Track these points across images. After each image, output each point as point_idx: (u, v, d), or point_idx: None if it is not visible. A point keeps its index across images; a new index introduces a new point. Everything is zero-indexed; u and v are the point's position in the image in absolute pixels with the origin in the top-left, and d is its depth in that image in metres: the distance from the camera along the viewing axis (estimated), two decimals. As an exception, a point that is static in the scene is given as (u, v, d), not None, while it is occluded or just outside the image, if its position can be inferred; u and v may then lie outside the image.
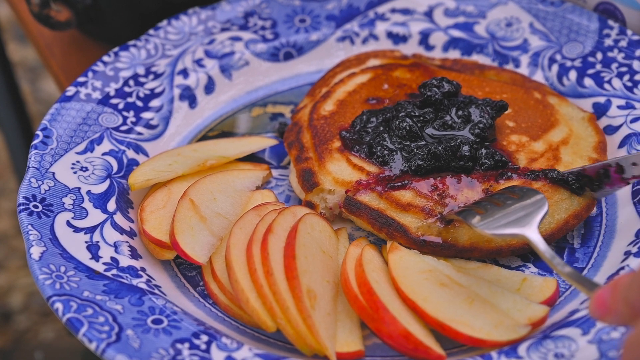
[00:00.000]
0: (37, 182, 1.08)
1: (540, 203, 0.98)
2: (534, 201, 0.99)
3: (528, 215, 0.97)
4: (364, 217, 1.07)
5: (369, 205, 1.07)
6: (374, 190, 1.08)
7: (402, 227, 1.05)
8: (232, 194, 1.12)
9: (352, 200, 1.08)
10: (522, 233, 0.95)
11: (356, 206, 1.08)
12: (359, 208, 1.07)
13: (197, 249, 1.03)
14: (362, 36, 1.34)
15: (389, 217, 1.06)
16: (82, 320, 0.92)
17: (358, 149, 1.13)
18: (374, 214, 1.07)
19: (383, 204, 1.07)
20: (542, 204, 0.98)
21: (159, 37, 1.30)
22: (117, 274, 1.01)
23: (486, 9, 1.34)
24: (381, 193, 1.08)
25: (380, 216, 1.06)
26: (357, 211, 1.07)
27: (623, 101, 1.20)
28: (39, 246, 1.00)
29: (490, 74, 1.27)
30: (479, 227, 0.97)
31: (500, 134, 1.15)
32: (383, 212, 1.07)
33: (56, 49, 1.45)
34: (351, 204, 1.08)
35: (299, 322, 0.93)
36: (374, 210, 1.07)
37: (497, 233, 0.96)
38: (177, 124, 1.25)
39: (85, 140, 1.16)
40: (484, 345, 0.94)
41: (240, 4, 1.35)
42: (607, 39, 1.26)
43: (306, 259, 0.97)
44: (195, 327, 0.96)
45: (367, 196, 1.08)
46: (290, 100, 1.30)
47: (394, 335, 0.93)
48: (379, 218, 1.06)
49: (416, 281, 0.98)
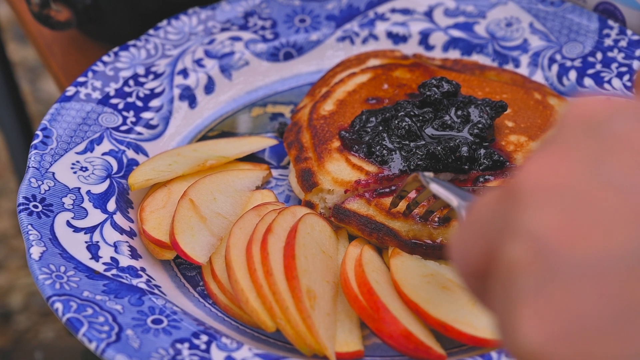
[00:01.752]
0: (37, 182, 1.08)
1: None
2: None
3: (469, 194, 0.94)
4: (354, 225, 1.06)
5: (358, 212, 1.07)
6: (363, 197, 1.07)
7: (392, 231, 1.05)
8: (232, 194, 1.12)
9: (340, 209, 1.07)
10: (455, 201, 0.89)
11: (345, 214, 1.07)
12: (347, 216, 1.07)
13: (197, 249, 1.03)
14: (362, 36, 1.34)
15: (378, 222, 1.05)
16: (82, 320, 0.92)
17: (357, 148, 1.13)
18: (363, 220, 1.06)
19: (372, 210, 1.06)
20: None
21: (158, 37, 1.30)
22: (117, 274, 1.01)
23: (486, 9, 1.34)
24: (370, 200, 1.07)
25: (369, 222, 1.06)
26: (346, 219, 1.07)
27: (623, 101, 1.19)
28: (38, 246, 1.00)
29: (490, 74, 1.27)
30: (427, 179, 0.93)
31: (499, 134, 1.15)
32: (372, 218, 1.06)
33: (56, 49, 1.45)
34: (340, 212, 1.07)
35: (299, 322, 0.93)
36: (362, 217, 1.06)
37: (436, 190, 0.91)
38: (177, 124, 1.25)
39: (85, 140, 1.16)
40: (486, 344, 0.94)
41: (240, 4, 1.35)
42: (607, 39, 1.26)
43: (306, 259, 0.97)
44: (195, 327, 0.96)
45: (355, 203, 1.07)
46: (290, 100, 1.30)
47: (394, 335, 0.93)
48: (368, 224, 1.06)
49: (418, 284, 0.98)
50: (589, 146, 0.50)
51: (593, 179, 0.48)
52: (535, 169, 0.50)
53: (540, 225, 0.47)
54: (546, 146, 0.52)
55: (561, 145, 0.51)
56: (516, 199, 0.49)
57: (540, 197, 0.48)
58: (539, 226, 0.47)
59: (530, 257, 0.47)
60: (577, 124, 0.52)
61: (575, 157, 0.50)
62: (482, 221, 0.52)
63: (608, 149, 0.49)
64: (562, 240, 0.46)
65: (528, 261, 0.47)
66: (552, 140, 0.52)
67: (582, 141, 0.50)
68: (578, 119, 0.52)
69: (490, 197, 0.53)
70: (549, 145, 0.52)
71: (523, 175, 0.50)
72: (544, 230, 0.47)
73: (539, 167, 0.50)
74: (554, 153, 0.51)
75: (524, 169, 0.50)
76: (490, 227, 0.51)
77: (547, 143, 0.52)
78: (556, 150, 0.50)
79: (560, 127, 0.53)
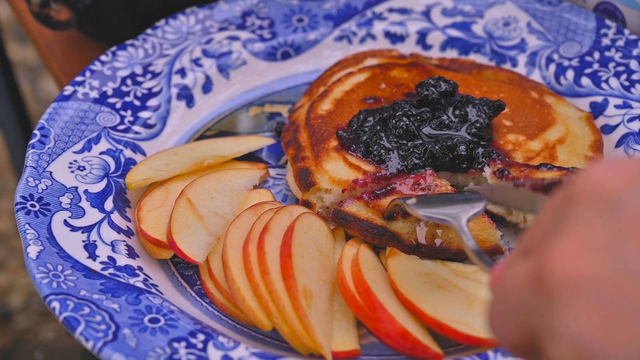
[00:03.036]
0: (35, 181, 1.08)
1: (479, 203, 0.97)
2: (474, 199, 0.98)
3: (464, 209, 0.96)
4: (355, 229, 1.06)
5: (358, 215, 1.06)
6: (361, 199, 1.07)
7: (394, 235, 1.05)
8: (230, 193, 1.12)
9: (340, 213, 1.07)
10: (451, 220, 0.94)
11: (345, 218, 1.06)
12: (348, 220, 1.06)
13: (194, 248, 1.03)
14: (360, 35, 1.34)
15: (380, 226, 1.05)
16: (79, 319, 0.92)
17: (355, 148, 1.13)
18: (364, 225, 1.06)
19: (371, 214, 1.06)
20: (480, 203, 0.97)
21: (156, 36, 1.30)
22: (114, 273, 1.01)
23: (484, 8, 1.34)
24: (368, 202, 1.06)
25: (370, 226, 1.05)
26: (347, 224, 1.06)
27: (620, 100, 1.20)
28: (36, 245, 1.00)
29: (487, 73, 1.27)
30: (411, 206, 0.96)
31: (497, 133, 1.15)
32: (372, 221, 1.06)
33: (56, 49, 1.45)
34: (340, 216, 1.07)
35: (295, 321, 0.93)
36: (363, 222, 1.06)
37: (427, 215, 0.95)
38: (175, 123, 1.25)
39: (82, 140, 1.16)
40: (483, 344, 0.94)
41: (237, 4, 1.35)
42: (604, 39, 1.26)
43: (302, 258, 0.97)
44: (192, 326, 0.96)
45: (354, 206, 1.07)
46: (288, 99, 1.30)
47: (391, 334, 0.93)
48: (370, 229, 1.05)
49: (415, 284, 0.98)
50: (607, 229, 0.53)
51: (615, 266, 0.52)
52: (560, 258, 0.54)
53: (579, 327, 0.52)
54: (566, 230, 0.55)
55: (580, 230, 0.54)
56: (550, 293, 0.54)
57: (572, 294, 0.53)
58: (578, 328, 0.52)
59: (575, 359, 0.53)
60: (591, 203, 0.55)
61: (595, 243, 0.53)
62: (518, 306, 0.57)
63: (625, 232, 0.53)
64: (600, 340, 0.51)
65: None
66: (569, 223, 0.55)
67: (599, 224, 0.53)
68: (592, 196, 0.55)
69: (520, 277, 0.57)
70: (569, 230, 0.55)
71: (550, 263, 0.54)
72: (583, 332, 0.52)
73: (563, 257, 0.53)
74: (575, 240, 0.54)
75: (549, 255, 0.54)
76: (528, 315, 0.56)
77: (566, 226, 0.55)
78: (576, 236, 0.54)
79: (576, 204, 0.55)
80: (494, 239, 1.05)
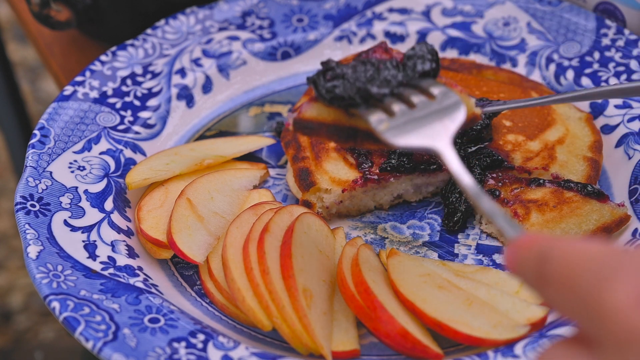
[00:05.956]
0: (35, 181, 1.08)
1: (456, 108, 0.84)
2: (450, 105, 0.85)
3: (442, 123, 0.84)
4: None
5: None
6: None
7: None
8: (230, 193, 1.12)
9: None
10: (433, 146, 0.82)
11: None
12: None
13: (194, 248, 1.03)
14: (360, 35, 1.34)
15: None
16: (79, 319, 0.92)
17: (355, 148, 1.13)
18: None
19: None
20: (458, 109, 0.84)
21: (156, 36, 1.30)
22: (114, 273, 1.01)
23: (483, 8, 1.34)
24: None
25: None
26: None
27: (620, 100, 1.20)
28: (36, 245, 1.00)
29: (487, 73, 1.27)
30: (386, 136, 0.84)
31: (497, 133, 1.15)
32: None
33: (56, 49, 1.45)
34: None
35: (295, 321, 0.93)
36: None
37: (405, 144, 0.84)
38: (175, 123, 1.25)
39: (82, 140, 1.16)
40: (482, 344, 0.94)
41: (237, 4, 1.35)
42: (604, 39, 1.26)
43: (302, 258, 0.97)
44: (192, 326, 0.96)
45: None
46: (288, 99, 1.30)
47: (391, 334, 0.93)
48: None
49: (415, 284, 0.98)
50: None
51: None
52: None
53: None
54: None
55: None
56: None
57: None
58: None
59: None
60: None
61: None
62: None
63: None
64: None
65: None
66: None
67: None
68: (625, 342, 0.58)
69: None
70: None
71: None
72: None
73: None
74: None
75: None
76: None
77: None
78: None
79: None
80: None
